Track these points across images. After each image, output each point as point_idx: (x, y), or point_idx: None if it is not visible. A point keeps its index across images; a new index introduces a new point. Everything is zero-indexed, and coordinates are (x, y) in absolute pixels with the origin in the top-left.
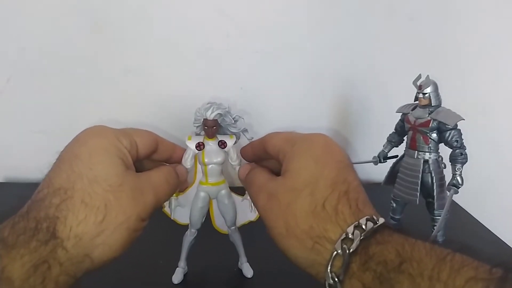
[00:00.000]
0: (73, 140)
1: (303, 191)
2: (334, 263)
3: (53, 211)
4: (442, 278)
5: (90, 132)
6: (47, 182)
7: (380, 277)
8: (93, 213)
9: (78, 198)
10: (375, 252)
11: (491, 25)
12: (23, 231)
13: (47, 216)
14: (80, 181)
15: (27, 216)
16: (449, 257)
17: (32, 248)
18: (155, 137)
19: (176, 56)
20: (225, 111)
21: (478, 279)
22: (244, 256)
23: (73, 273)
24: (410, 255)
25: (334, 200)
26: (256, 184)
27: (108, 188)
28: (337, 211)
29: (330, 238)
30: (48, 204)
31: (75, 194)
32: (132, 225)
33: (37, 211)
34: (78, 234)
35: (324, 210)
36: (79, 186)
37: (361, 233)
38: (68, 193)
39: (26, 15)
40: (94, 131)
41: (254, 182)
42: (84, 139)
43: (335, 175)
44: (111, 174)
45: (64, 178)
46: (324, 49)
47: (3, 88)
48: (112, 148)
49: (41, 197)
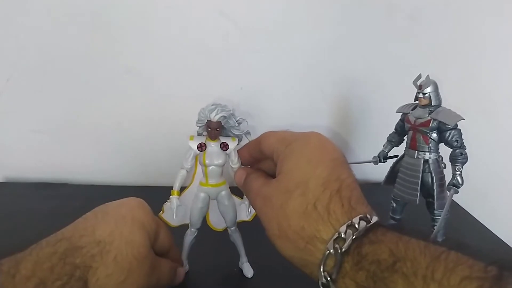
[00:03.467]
0: (120, 202)
1: (295, 192)
2: (327, 263)
3: (89, 260)
4: (436, 277)
5: (136, 202)
6: (91, 231)
7: (373, 277)
8: (118, 271)
9: (112, 254)
10: (368, 252)
11: (491, 25)
12: (59, 276)
13: (83, 264)
14: (119, 240)
15: (64, 260)
16: (443, 255)
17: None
18: (172, 239)
19: (176, 56)
20: (229, 113)
21: (473, 278)
22: (245, 256)
23: None
24: (404, 254)
25: (325, 200)
26: (253, 190)
27: (136, 255)
28: (329, 211)
29: (322, 238)
30: (86, 252)
31: (111, 250)
32: None
33: (75, 257)
34: (101, 286)
35: (315, 210)
36: (117, 243)
37: (353, 232)
38: (107, 247)
39: (26, 15)
40: (139, 203)
41: (251, 188)
42: (131, 207)
43: (328, 173)
44: (143, 244)
45: (107, 232)
46: (324, 49)
47: (3, 88)
48: (148, 225)
49: (81, 244)
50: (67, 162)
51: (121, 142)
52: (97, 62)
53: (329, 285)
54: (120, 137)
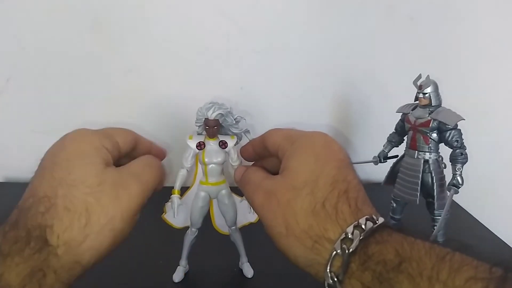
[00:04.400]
0: (53, 146)
1: (303, 190)
2: (334, 263)
3: (40, 219)
4: (442, 277)
5: (68, 137)
6: (32, 191)
7: (379, 277)
8: (76, 218)
9: (61, 205)
10: (374, 252)
11: (491, 25)
12: (15, 239)
13: (37, 225)
14: (60, 188)
15: (17, 225)
16: (448, 256)
17: (26, 256)
18: (134, 135)
19: (176, 56)
20: (226, 111)
21: (478, 279)
22: (245, 256)
23: (66, 280)
24: (410, 255)
25: (334, 199)
26: (252, 182)
27: (87, 190)
28: (337, 210)
29: (330, 238)
30: (35, 213)
31: (58, 201)
32: (117, 225)
33: (26, 220)
34: (66, 241)
35: (324, 209)
36: (60, 192)
37: (360, 233)
38: (52, 201)
39: (26, 15)
40: (72, 136)
41: (250, 180)
42: (62, 145)
43: (335, 173)
44: (89, 175)
45: (46, 185)
46: (324, 49)
47: (3, 88)
48: (91, 150)
49: (27, 206)
50: None
51: None
52: (97, 62)
53: (335, 285)
54: None
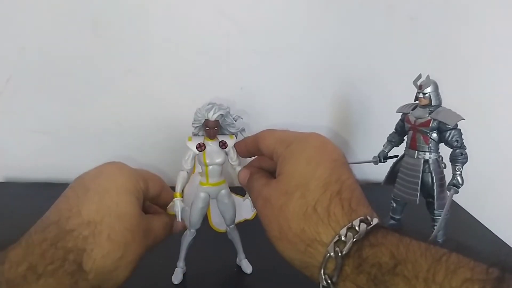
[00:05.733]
0: (98, 172)
1: (295, 194)
2: (327, 266)
3: (81, 243)
4: (438, 279)
5: (115, 169)
6: (77, 212)
7: (374, 280)
8: (115, 249)
9: (105, 233)
10: (369, 255)
11: (491, 25)
12: (52, 259)
13: (76, 247)
14: (108, 217)
15: (55, 245)
16: (444, 257)
17: (59, 277)
18: (162, 183)
19: (176, 56)
20: (226, 111)
21: (474, 280)
22: (243, 253)
23: None
24: (405, 257)
25: (325, 201)
26: (255, 190)
27: (128, 226)
28: (329, 213)
29: (322, 241)
30: (77, 235)
31: (103, 229)
32: (136, 263)
33: (66, 241)
34: (99, 267)
35: (315, 213)
36: (107, 221)
37: (354, 235)
38: (98, 227)
39: (26, 15)
40: (119, 168)
41: (253, 188)
42: (112, 175)
43: (328, 174)
44: (133, 213)
45: (94, 210)
46: (324, 49)
47: (3, 88)
48: (134, 189)
49: (71, 227)
50: (67, 162)
51: (121, 142)
52: (97, 62)
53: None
54: (120, 137)
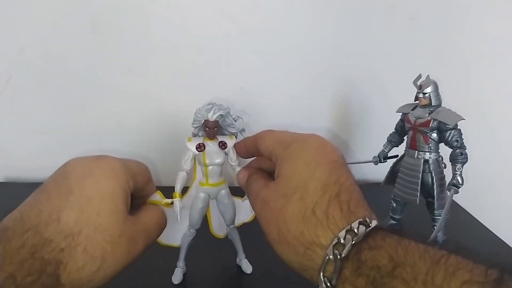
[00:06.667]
0: (87, 172)
1: (293, 196)
2: (327, 268)
3: (58, 254)
4: (437, 282)
5: (106, 170)
6: (56, 219)
7: (373, 282)
8: (90, 262)
9: (82, 245)
10: (368, 257)
11: (491, 25)
12: (29, 271)
13: (54, 259)
14: (87, 227)
15: (33, 256)
16: (443, 259)
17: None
18: (149, 175)
19: (176, 56)
20: (226, 112)
21: (473, 282)
22: (243, 253)
23: None
24: (404, 259)
25: (324, 204)
26: (253, 191)
27: (108, 238)
28: (327, 215)
29: (321, 244)
30: (55, 247)
31: (80, 241)
32: (117, 274)
33: (44, 252)
34: (73, 279)
35: (314, 215)
36: (85, 232)
37: (352, 237)
38: (75, 239)
39: (26, 15)
40: (110, 169)
41: (251, 189)
42: (100, 179)
43: (327, 176)
44: (114, 223)
45: (74, 219)
46: (324, 49)
47: (3, 88)
48: (120, 193)
49: (49, 236)
50: None
51: (121, 142)
52: (97, 62)
53: None
54: (120, 137)
